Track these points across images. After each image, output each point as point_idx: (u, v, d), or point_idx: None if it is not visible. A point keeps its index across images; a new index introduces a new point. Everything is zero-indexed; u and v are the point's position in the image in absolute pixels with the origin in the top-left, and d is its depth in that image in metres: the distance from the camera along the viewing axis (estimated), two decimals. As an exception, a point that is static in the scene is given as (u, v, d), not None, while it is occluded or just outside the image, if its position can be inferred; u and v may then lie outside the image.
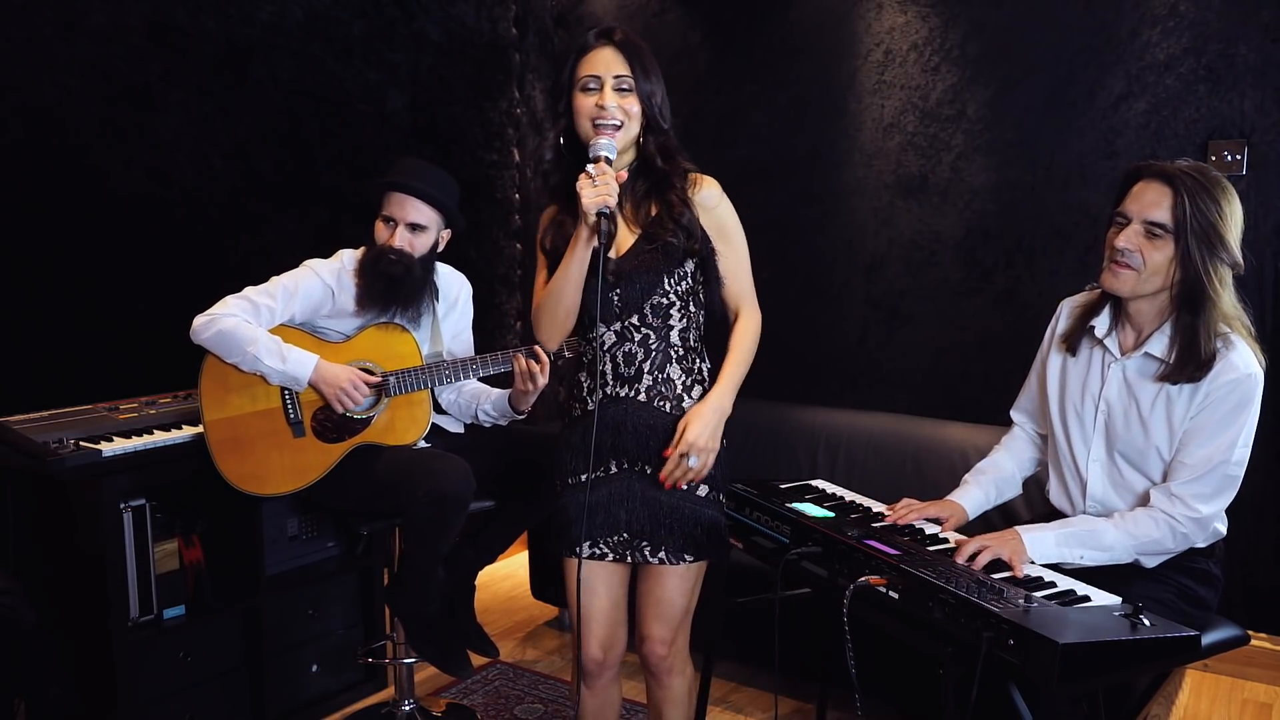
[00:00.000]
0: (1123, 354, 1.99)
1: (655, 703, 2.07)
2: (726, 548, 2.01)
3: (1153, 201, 1.87)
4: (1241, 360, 1.87)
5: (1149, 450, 1.95)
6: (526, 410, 2.52)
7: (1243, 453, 1.90)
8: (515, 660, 3.22)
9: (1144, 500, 1.97)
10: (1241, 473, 1.91)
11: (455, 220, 2.56)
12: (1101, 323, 2.02)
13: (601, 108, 1.87)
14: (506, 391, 2.53)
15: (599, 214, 1.81)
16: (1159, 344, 1.93)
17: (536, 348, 2.34)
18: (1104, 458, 2.02)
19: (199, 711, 2.59)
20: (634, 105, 1.90)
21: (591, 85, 1.89)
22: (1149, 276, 1.89)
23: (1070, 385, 2.07)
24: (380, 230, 2.49)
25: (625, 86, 1.89)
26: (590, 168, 1.84)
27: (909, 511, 2.09)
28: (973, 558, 1.82)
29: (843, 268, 3.55)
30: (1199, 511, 1.88)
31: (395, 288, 2.47)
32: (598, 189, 1.80)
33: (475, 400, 2.64)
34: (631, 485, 1.94)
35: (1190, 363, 1.87)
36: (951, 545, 1.96)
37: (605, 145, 1.86)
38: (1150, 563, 1.94)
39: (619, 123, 1.88)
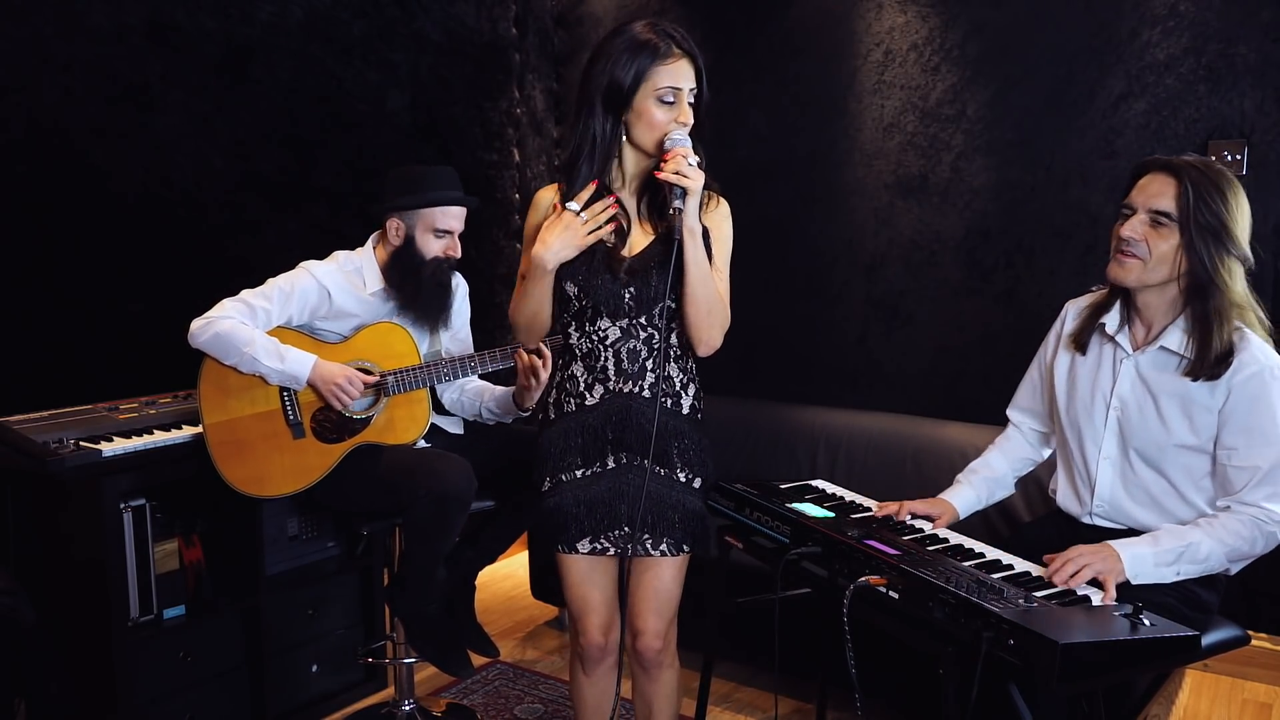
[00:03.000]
0: (1135, 349, 1.97)
1: (646, 697, 2.08)
2: (710, 539, 2.05)
3: (1158, 192, 1.87)
4: (1259, 352, 1.85)
5: (1168, 447, 1.92)
6: (530, 407, 2.51)
7: None
8: (515, 660, 3.22)
9: (1156, 503, 1.95)
10: None
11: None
12: (1112, 319, 2.00)
13: (683, 124, 1.85)
14: (510, 389, 2.54)
15: (677, 193, 1.80)
16: (1174, 337, 1.91)
17: (540, 343, 2.32)
18: (1116, 455, 1.99)
19: (199, 711, 2.59)
20: (692, 116, 1.88)
21: (669, 98, 1.84)
22: (1155, 266, 1.88)
23: (1079, 383, 2.04)
24: (432, 243, 2.51)
25: (693, 100, 1.88)
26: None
27: (900, 508, 2.10)
28: (1072, 576, 1.76)
29: (843, 268, 3.54)
30: (1278, 513, 1.85)
31: (446, 295, 2.56)
32: (677, 167, 1.79)
33: (479, 398, 2.64)
34: (632, 479, 1.94)
35: (1209, 354, 1.84)
36: (952, 544, 1.96)
37: (683, 140, 1.84)
38: (1236, 569, 1.92)
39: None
